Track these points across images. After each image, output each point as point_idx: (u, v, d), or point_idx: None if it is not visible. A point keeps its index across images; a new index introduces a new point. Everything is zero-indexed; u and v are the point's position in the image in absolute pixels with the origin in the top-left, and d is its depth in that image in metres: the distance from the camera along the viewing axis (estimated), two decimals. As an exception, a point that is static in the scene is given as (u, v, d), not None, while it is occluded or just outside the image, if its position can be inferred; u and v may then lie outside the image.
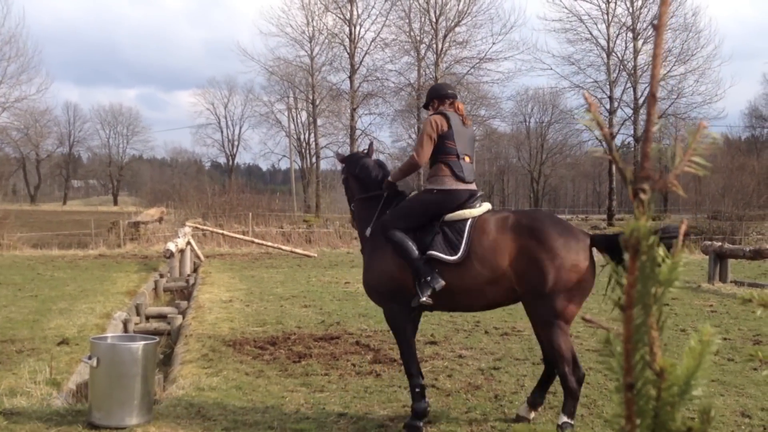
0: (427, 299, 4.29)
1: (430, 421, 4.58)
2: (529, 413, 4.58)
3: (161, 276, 13.66)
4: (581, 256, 4.15)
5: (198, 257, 16.69)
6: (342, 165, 5.20)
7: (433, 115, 4.62)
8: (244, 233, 21.77)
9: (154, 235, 22.05)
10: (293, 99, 41.04)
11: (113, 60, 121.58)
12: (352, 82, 35.22)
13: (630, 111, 36.32)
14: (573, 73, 37.17)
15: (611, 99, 36.41)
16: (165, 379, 6.09)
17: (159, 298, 12.50)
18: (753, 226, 28.49)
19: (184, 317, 8.95)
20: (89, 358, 4.48)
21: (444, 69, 33.42)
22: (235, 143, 62.14)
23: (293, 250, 19.22)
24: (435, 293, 4.30)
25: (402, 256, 4.42)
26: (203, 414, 4.71)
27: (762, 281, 12.85)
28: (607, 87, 36.47)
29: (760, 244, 18.47)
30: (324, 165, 41.32)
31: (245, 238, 20.15)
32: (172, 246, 13.49)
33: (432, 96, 4.81)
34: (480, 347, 6.94)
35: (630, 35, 35.16)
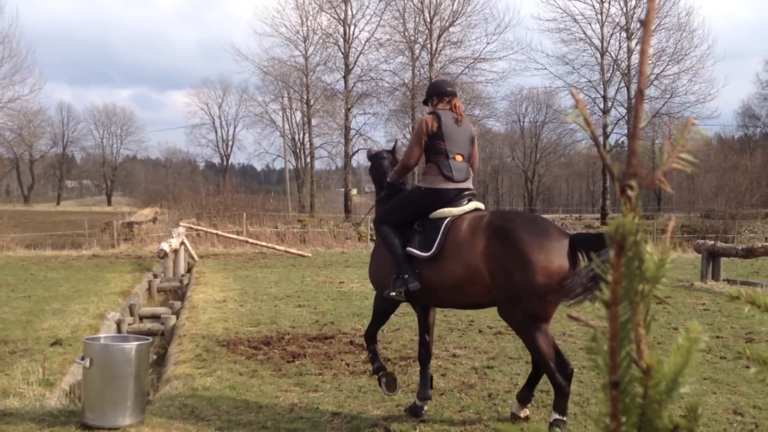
0: (397, 295, 4.50)
1: (423, 420, 4.59)
2: (521, 410, 4.58)
3: (155, 276, 13.63)
4: (553, 256, 4.01)
5: (192, 257, 16.66)
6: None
7: (426, 116, 4.72)
8: (238, 233, 21.75)
9: (147, 236, 22.01)
10: (288, 99, 40.98)
11: (107, 60, 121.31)
12: (346, 82, 35.11)
13: (624, 110, 36.36)
14: (567, 73, 37.19)
15: (605, 98, 36.43)
16: (158, 380, 6.08)
17: (153, 298, 12.46)
18: (746, 224, 28.64)
19: (177, 317, 8.93)
20: (82, 358, 4.46)
21: (438, 69, 33.38)
22: (230, 143, 61.92)
23: (287, 249, 19.21)
24: (422, 287, 4.44)
25: (388, 250, 4.65)
26: (197, 414, 4.70)
27: (754, 279, 12.90)
28: (601, 86, 36.48)
29: (752, 242, 18.55)
30: (318, 165, 41.35)
31: (239, 238, 20.12)
32: (165, 246, 13.46)
33: (431, 93, 4.85)
34: (474, 346, 6.95)
35: (624, 35, 35.17)
